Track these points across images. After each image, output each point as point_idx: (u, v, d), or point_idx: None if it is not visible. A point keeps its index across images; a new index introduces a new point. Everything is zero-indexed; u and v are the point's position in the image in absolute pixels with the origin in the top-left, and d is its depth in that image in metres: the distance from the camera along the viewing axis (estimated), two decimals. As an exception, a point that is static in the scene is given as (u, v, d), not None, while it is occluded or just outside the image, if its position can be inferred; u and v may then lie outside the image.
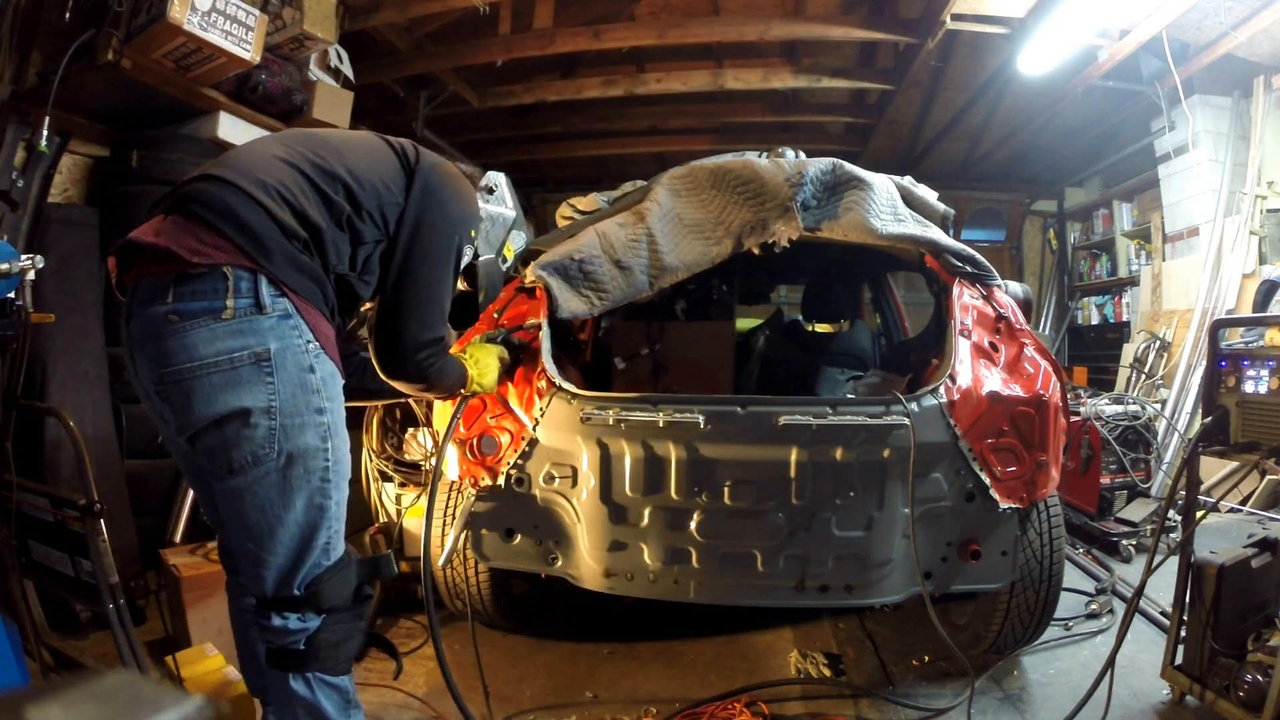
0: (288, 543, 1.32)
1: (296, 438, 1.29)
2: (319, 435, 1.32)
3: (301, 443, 1.30)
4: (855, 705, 2.12)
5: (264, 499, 1.29)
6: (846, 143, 6.45)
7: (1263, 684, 1.72)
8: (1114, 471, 3.69)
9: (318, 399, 1.32)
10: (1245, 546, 2.01)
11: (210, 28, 2.66)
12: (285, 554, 1.32)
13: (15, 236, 2.76)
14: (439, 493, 2.33)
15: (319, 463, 1.33)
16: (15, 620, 1.95)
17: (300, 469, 1.31)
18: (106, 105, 3.00)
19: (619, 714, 2.06)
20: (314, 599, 1.34)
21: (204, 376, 1.24)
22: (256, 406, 1.25)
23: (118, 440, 2.79)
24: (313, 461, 1.32)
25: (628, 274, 2.29)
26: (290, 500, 1.30)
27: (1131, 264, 6.28)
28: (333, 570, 1.37)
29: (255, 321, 1.25)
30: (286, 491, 1.30)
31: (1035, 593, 2.12)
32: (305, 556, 1.34)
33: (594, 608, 2.60)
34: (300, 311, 1.30)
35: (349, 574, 1.40)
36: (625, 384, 2.87)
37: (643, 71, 5.32)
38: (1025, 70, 4.31)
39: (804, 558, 1.96)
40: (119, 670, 1.76)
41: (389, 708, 2.06)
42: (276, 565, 1.33)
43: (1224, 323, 2.40)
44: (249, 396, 1.25)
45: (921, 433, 1.87)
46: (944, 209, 2.68)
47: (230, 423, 1.26)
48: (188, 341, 1.23)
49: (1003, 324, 2.18)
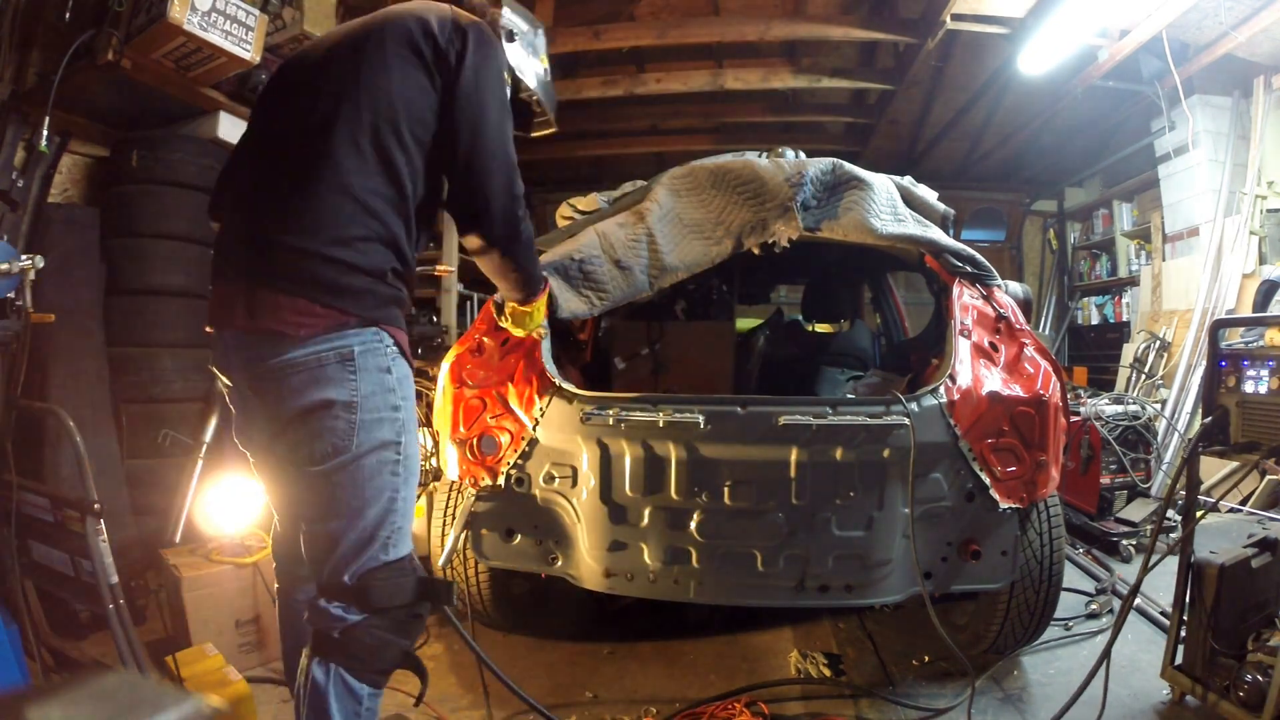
0: (355, 529, 1.38)
1: (374, 431, 1.38)
2: (394, 430, 1.41)
3: (378, 436, 1.38)
4: (855, 705, 2.12)
5: (338, 487, 1.37)
6: (846, 143, 6.45)
7: (1263, 684, 1.72)
8: (1114, 471, 3.69)
9: (394, 397, 1.41)
10: (1245, 546, 2.01)
11: (210, 28, 2.66)
12: (348, 540, 1.38)
13: (15, 236, 2.76)
14: (439, 493, 2.33)
15: (392, 455, 1.40)
16: (15, 620, 1.95)
17: (374, 460, 1.38)
18: (106, 105, 3.00)
19: (619, 714, 2.06)
20: (362, 593, 1.38)
21: (295, 373, 1.35)
22: (340, 400, 1.35)
23: (118, 440, 2.79)
24: (386, 454, 1.40)
25: (628, 274, 2.29)
26: (363, 490, 1.38)
27: (1131, 264, 6.29)
28: (387, 568, 1.40)
29: (341, 331, 1.36)
30: (361, 481, 1.38)
31: (1035, 593, 2.12)
32: (366, 547, 1.39)
33: (594, 608, 2.60)
34: (382, 325, 1.41)
35: (404, 581, 1.42)
36: (625, 384, 2.87)
37: (643, 71, 5.33)
38: (1025, 70, 4.31)
39: (804, 558, 1.96)
40: (119, 670, 1.76)
41: (389, 708, 2.06)
42: (339, 550, 1.38)
43: (1224, 323, 2.40)
44: (334, 390, 1.35)
45: (921, 433, 1.87)
46: (944, 209, 2.68)
47: (316, 414, 1.35)
48: (283, 348, 1.34)
49: (1003, 324, 2.18)
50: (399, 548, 1.42)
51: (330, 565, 1.39)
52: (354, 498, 1.37)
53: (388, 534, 1.40)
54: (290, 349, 1.34)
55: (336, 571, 1.38)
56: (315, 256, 1.34)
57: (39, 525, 1.98)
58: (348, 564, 1.38)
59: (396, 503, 1.41)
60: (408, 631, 1.44)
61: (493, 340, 2.17)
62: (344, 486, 1.37)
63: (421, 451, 2.60)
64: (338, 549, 1.38)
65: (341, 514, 1.37)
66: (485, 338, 2.18)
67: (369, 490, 1.38)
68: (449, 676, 2.26)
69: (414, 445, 1.46)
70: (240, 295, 1.38)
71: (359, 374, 1.36)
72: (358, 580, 1.38)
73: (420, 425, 2.56)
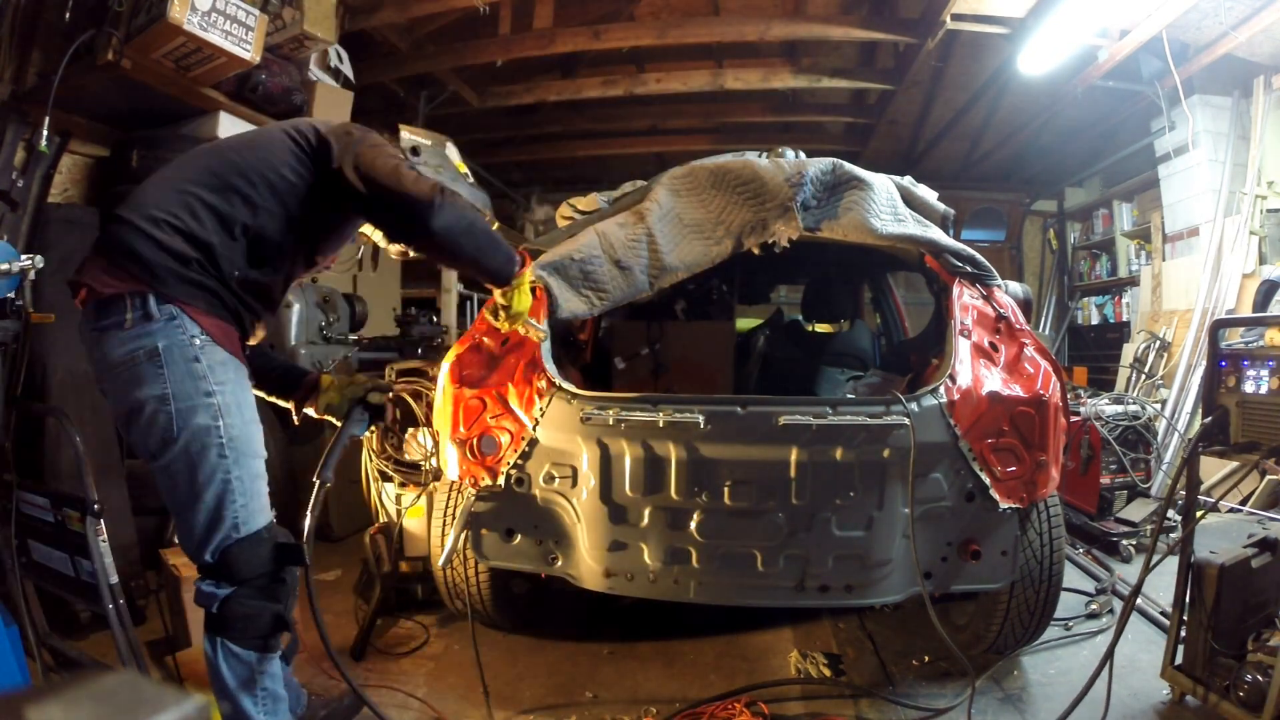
0: (200, 513, 1.51)
1: (191, 419, 1.49)
2: (210, 415, 1.50)
3: (195, 423, 1.49)
4: (855, 705, 2.12)
5: (177, 475, 1.51)
6: (846, 143, 6.45)
7: (1263, 684, 1.72)
8: (1114, 471, 3.69)
9: (205, 384, 1.51)
10: (1245, 546, 2.01)
11: (210, 28, 2.66)
12: (199, 523, 1.51)
13: (15, 236, 2.75)
14: (439, 493, 2.33)
15: (213, 439, 1.50)
16: (15, 620, 1.95)
17: (198, 446, 1.49)
18: (106, 105, 3.00)
19: (619, 714, 2.06)
20: (225, 568, 1.52)
21: (118, 374, 1.49)
22: (154, 395, 1.47)
23: (118, 440, 2.79)
24: (207, 438, 1.50)
25: (628, 274, 2.29)
26: (195, 475, 1.50)
27: (1131, 264, 6.29)
28: (243, 543, 1.53)
29: (145, 326, 1.48)
30: (192, 468, 1.50)
31: (1035, 593, 2.12)
32: (216, 526, 1.52)
33: (594, 608, 2.60)
34: (186, 313, 1.50)
35: (260, 550, 1.55)
36: (625, 384, 2.87)
37: (643, 71, 5.33)
38: (1025, 70, 4.31)
39: (804, 558, 1.96)
40: (119, 670, 1.76)
41: (389, 708, 2.06)
42: (194, 534, 1.53)
43: (1224, 323, 2.40)
44: (148, 387, 1.47)
45: (921, 433, 1.87)
46: (944, 209, 2.68)
47: (140, 412, 1.48)
48: (106, 348, 1.49)
49: (1003, 324, 2.18)
50: (250, 523, 1.54)
51: (192, 547, 1.54)
52: (190, 484, 1.50)
53: (234, 513, 1.52)
54: (104, 320, 1.48)
55: (199, 552, 1.53)
56: (126, 224, 1.51)
57: (39, 525, 1.98)
58: (205, 544, 1.52)
59: (231, 483, 1.52)
60: (275, 596, 1.57)
61: (493, 340, 2.17)
62: (180, 475, 1.50)
63: (421, 451, 2.60)
64: (194, 533, 1.52)
65: (184, 500, 1.51)
66: (485, 338, 2.18)
67: (201, 474, 1.50)
68: (449, 676, 2.26)
69: (241, 427, 1.55)
70: (88, 257, 1.55)
71: (167, 367, 1.47)
72: (218, 557, 1.52)
73: (420, 425, 2.57)
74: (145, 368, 1.47)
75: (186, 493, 1.51)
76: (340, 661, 1.84)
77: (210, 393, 1.51)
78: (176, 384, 1.48)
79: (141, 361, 1.47)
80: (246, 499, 1.54)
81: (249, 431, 1.57)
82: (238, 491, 1.53)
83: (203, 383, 1.50)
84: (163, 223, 1.51)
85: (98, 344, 1.51)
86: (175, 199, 1.55)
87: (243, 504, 1.53)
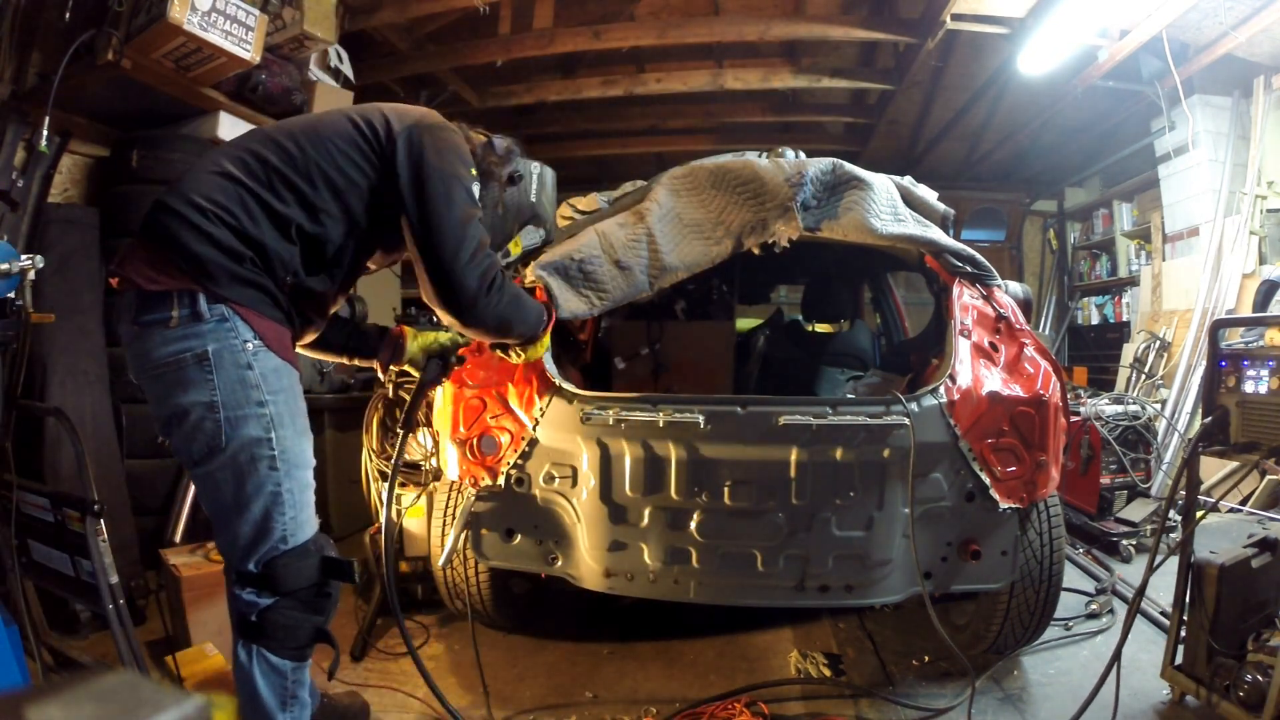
0: (246, 523, 1.45)
1: (241, 429, 1.41)
2: (261, 426, 1.43)
3: (245, 433, 1.42)
4: (855, 705, 2.12)
5: (223, 484, 1.44)
6: (846, 143, 6.45)
7: (1263, 684, 1.72)
8: (1114, 471, 3.69)
9: (258, 393, 1.43)
10: (1245, 546, 2.01)
11: (210, 28, 2.66)
12: (244, 534, 1.45)
13: (15, 236, 2.76)
14: (439, 493, 2.33)
15: (264, 451, 1.43)
16: (15, 620, 1.95)
17: (247, 457, 1.42)
18: (106, 105, 3.00)
19: (619, 714, 2.06)
20: (269, 579, 1.46)
21: (161, 376, 1.41)
22: (201, 401, 1.39)
23: (118, 440, 2.79)
24: (258, 450, 1.43)
25: (628, 274, 2.29)
26: (243, 486, 1.43)
27: (1131, 264, 6.28)
28: (289, 555, 1.47)
29: (194, 327, 1.39)
30: (240, 478, 1.43)
31: (1035, 593, 2.12)
32: (262, 538, 1.46)
33: (594, 608, 2.60)
34: (239, 315, 1.41)
35: (307, 563, 1.49)
36: (625, 384, 2.87)
37: (643, 71, 5.32)
38: (1025, 70, 4.31)
39: (804, 558, 1.96)
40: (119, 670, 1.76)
41: (389, 708, 2.06)
42: (238, 543, 1.46)
43: (1224, 323, 2.39)
44: (195, 393, 1.39)
45: (921, 433, 1.87)
46: (944, 209, 2.67)
47: (185, 418, 1.40)
48: (148, 345, 1.40)
49: (1003, 324, 2.17)
50: (298, 536, 1.49)
51: (236, 555, 1.47)
52: (236, 494, 1.43)
53: (282, 525, 1.46)
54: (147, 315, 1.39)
55: (242, 561, 1.47)
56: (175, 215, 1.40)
57: (39, 525, 1.98)
58: (249, 554, 1.46)
59: (281, 495, 1.46)
60: (318, 609, 1.52)
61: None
62: (226, 484, 1.43)
63: (422, 451, 2.60)
64: (237, 541, 1.46)
65: (228, 509, 1.45)
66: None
67: (249, 486, 1.43)
68: (449, 676, 2.27)
69: (293, 438, 1.48)
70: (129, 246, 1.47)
71: (216, 373, 1.39)
72: (263, 568, 1.46)
73: (420, 425, 2.57)
74: (192, 371, 1.38)
75: (232, 502, 1.44)
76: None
77: (263, 402, 1.42)
78: (226, 392, 1.39)
79: (189, 365, 1.38)
80: (296, 511, 1.48)
81: (301, 443, 1.50)
82: (288, 504, 1.46)
83: (255, 391, 1.42)
84: (213, 216, 1.40)
85: (138, 339, 1.41)
86: (229, 191, 1.43)
87: (292, 516, 1.47)
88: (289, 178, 1.47)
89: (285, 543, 1.47)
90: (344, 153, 1.53)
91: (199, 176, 1.47)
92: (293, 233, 1.47)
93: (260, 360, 1.43)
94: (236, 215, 1.42)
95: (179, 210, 1.40)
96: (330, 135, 1.54)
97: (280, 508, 1.45)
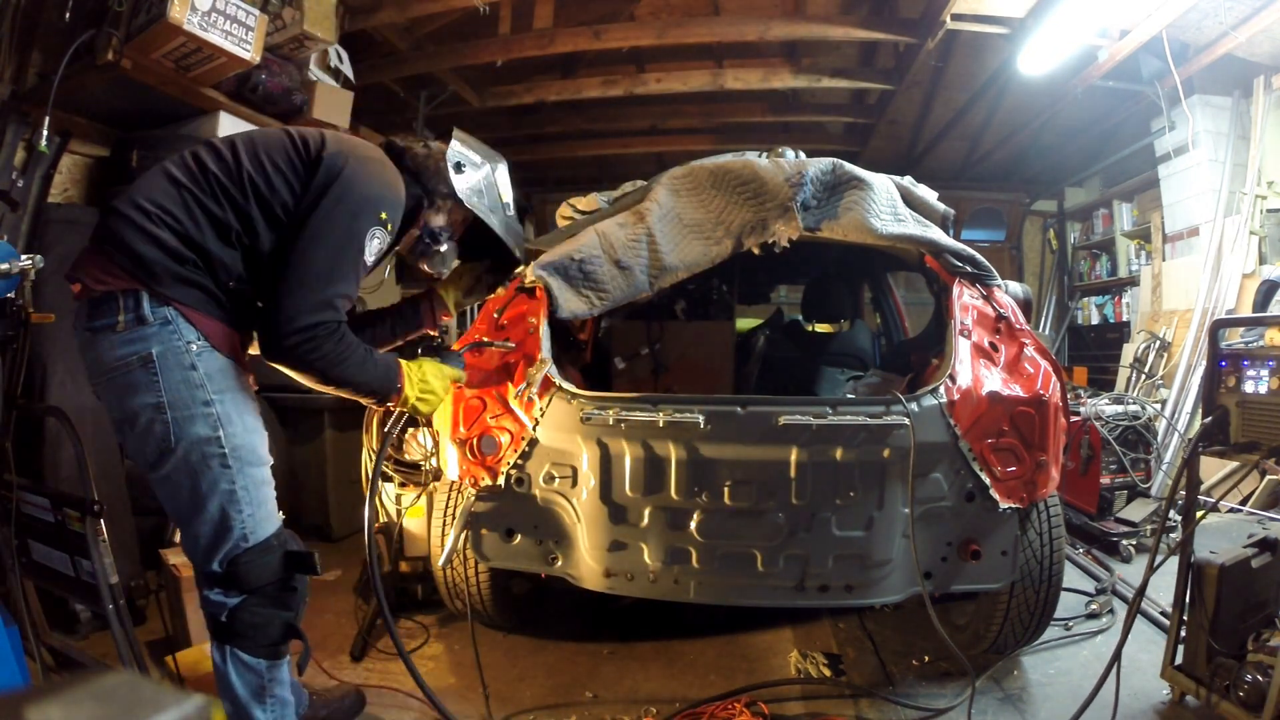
0: (205, 523, 1.47)
1: (188, 428, 1.44)
2: (209, 425, 1.45)
3: (193, 432, 1.44)
4: (855, 705, 2.12)
5: (179, 486, 1.46)
6: (846, 143, 6.45)
7: (1263, 684, 1.72)
8: (1114, 471, 3.69)
9: (203, 393, 1.45)
10: (1245, 546, 2.01)
11: (210, 28, 2.66)
12: (205, 534, 1.48)
13: (15, 236, 2.76)
14: (439, 493, 2.33)
15: (214, 449, 1.46)
16: (15, 620, 1.95)
17: (198, 456, 1.45)
18: (106, 105, 3.00)
19: (619, 714, 2.06)
20: (234, 578, 1.48)
21: (113, 380, 1.44)
22: (149, 403, 1.42)
23: (118, 440, 2.79)
24: (207, 449, 1.45)
25: (628, 274, 2.29)
26: (197, 486, 1.46)
27: (1131, 264, 6.28)
28: (251, 552, 1.49)
29: (139, 330, 1.41)
30: (193, 478, 1.45)
31: (1035, 593, 2.12)
32: (223, 537, 1.48)
33: (594, 608, 2.60)
34: (183, 316, 1.44)
35: (270, 560, 1.51)
36: (625, 384, 2.87)
37: (643, 71, 5.32)
38: (1025, 70, 4.31)
39: (804, 558, 1.96)
40: (119, 670, 1.76)
41: (388, 708, 2.06)
42: (200, 544, 1.49)
43: (1224, 323, 2.39)
44: (143, 395, 1.42)
45: (921, 433, 1.87)
46: (944, 209, 2.68)
47: (136, 420, 1.43)
48: (100, 350, 1.43)
49: (1003, 324, 2.17)
50: (258, 533, 1.50)
51: (199, 556, 1.50)
52: (192, 494, 1.46)
53: (241, 523, 1.48)
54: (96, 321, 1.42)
55: (206, 561, 1.49)
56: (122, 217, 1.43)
57: (39, 525, 1.98)
58: (212, 553, 1.49)
59: (236, 493, 1.47)
60: (286, 604, 1.54)
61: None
62: (182, 485, 1.46)
63: (422, 451, 2.60)
64: (199, 542, 1.49)
65: (187, 510, 1.47)
66: (485, 338, 2.18)
67: (203, 485, 1.45)
68: (449, 676, 2.27)
69: (243, 435, 1.49)
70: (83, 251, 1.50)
71: (161, 375, 1.41)
72: (227, 566, 1.48)
73: (420, 425, 2.56)
74: (139, 374, 1.41)
75: (189, 503, 1.46)
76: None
77: (209, 401, 1.45)
78: (172, 392, 1.42)
79: (135, 368, 1.41)
80: (254, 507, 1.50)
81: (251, 440, 1.51)
82: (244, 501, 1.48)
83: (200, 391, 1.44)
84: (157, 218, 1.43)
85: (91, 345, 1.45)
86: (173, 196, 1.46)
87: (250, 513, 1.49)
88: (225, 185, 1.49)
89: (246, 540, 1.49)
90: (275, 165, 1.53)
91: (148, 180, 1.50)
92: (233, 238, 1.49)
93: (204, 360, 1.45)
94: (180, 219, 1.45)
95: (125, 213, 1.44)
96: (266, 147, 1.55)
97: (236, 505, 1.48)
